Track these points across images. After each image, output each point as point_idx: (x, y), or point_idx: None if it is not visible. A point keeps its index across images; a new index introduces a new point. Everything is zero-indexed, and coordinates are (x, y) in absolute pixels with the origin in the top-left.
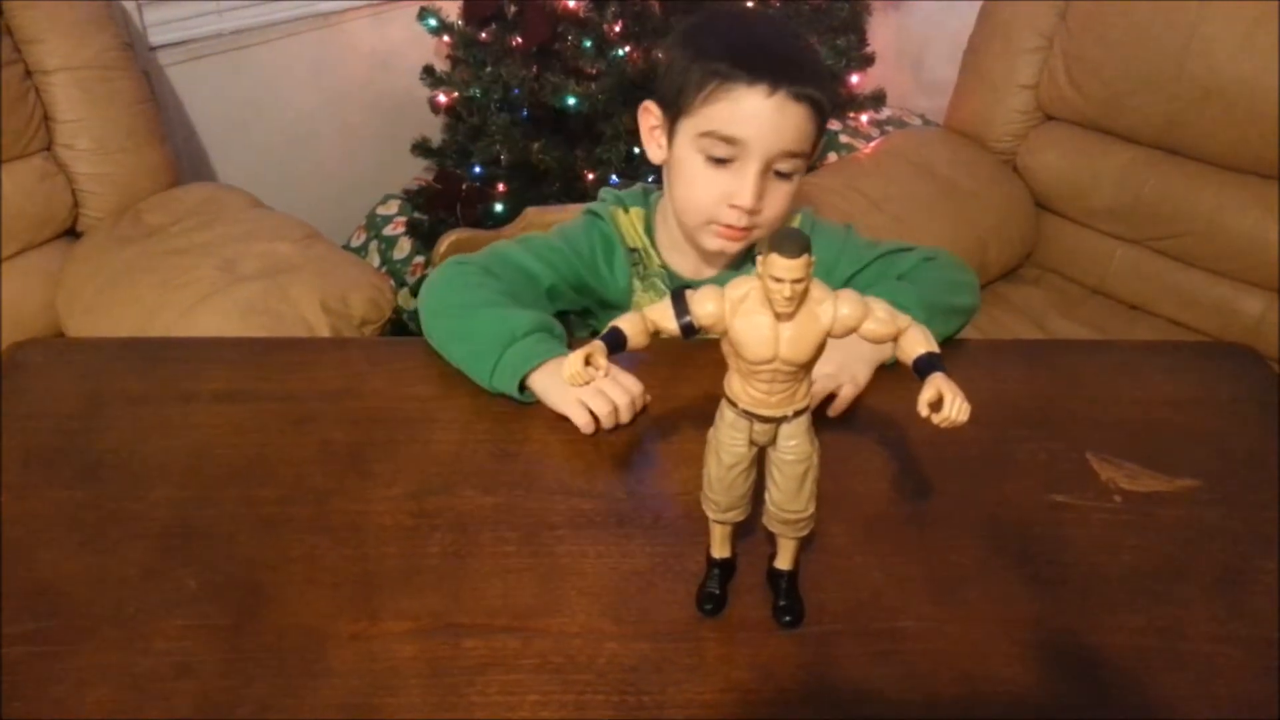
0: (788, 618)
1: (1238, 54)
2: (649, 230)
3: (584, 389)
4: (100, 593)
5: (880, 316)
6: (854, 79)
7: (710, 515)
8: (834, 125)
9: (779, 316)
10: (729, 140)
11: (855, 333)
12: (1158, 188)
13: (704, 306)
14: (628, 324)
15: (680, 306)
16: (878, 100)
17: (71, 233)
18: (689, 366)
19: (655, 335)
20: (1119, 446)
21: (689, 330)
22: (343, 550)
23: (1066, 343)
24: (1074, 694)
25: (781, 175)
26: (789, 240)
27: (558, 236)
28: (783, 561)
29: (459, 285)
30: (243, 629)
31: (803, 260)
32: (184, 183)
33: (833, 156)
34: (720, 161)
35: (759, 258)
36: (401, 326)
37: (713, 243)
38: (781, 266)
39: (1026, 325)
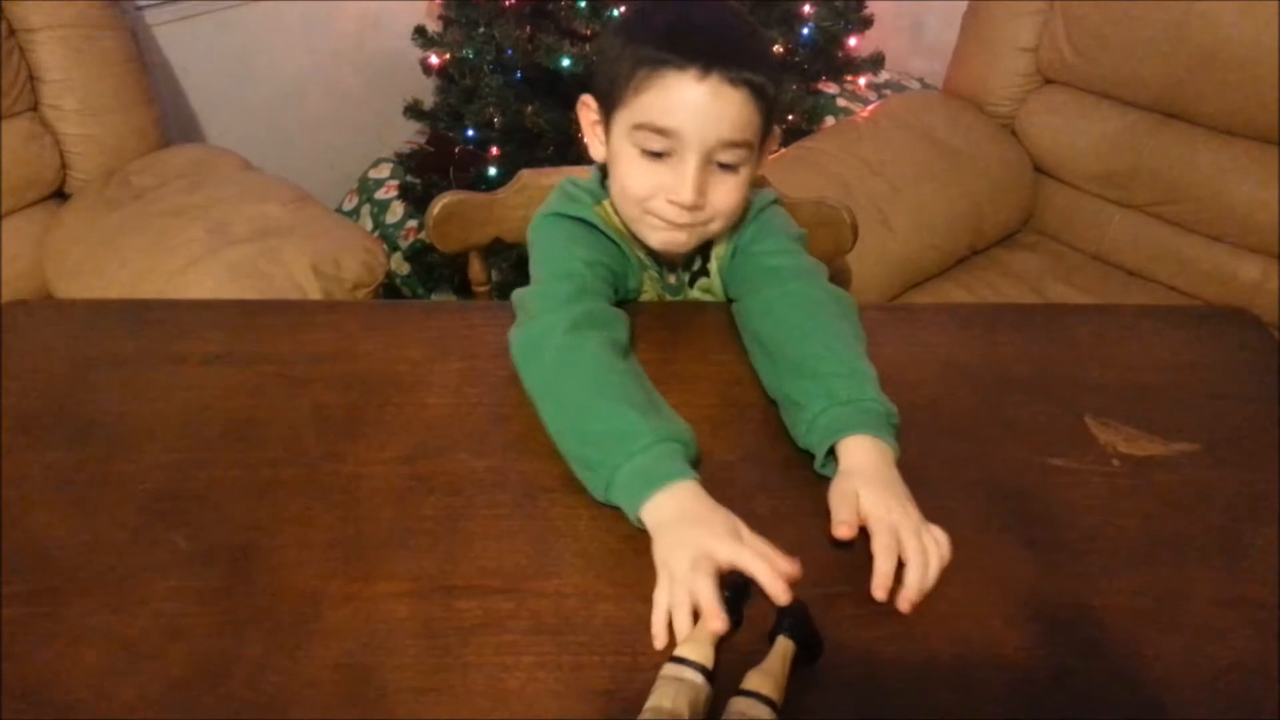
0: (805, 654)
1: (1240, 18)
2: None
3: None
4: (91, 554)
5: None
6: (852, 41)
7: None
8: (831, 88)
9: None
10: (662, 132)
11: None
12: (1157, 152)
13: None
14: None
15: None
16: (876, 63)
17: (59, 194)
18: (687, 330)
19: None
20: (1117, 410)
21: None
22: (336, 513)
23: (1063, 307)
24: (1070, 655)
25: (726, 167)
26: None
27: (568, 243)
28: None
29: (564, 356)
30: (235, 590)
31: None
32: (173, 144)
33: (830, 120)
34: (657, 155)
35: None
36: (394, 290)
37: (657, 236)
38: None
39: (1023, 290)
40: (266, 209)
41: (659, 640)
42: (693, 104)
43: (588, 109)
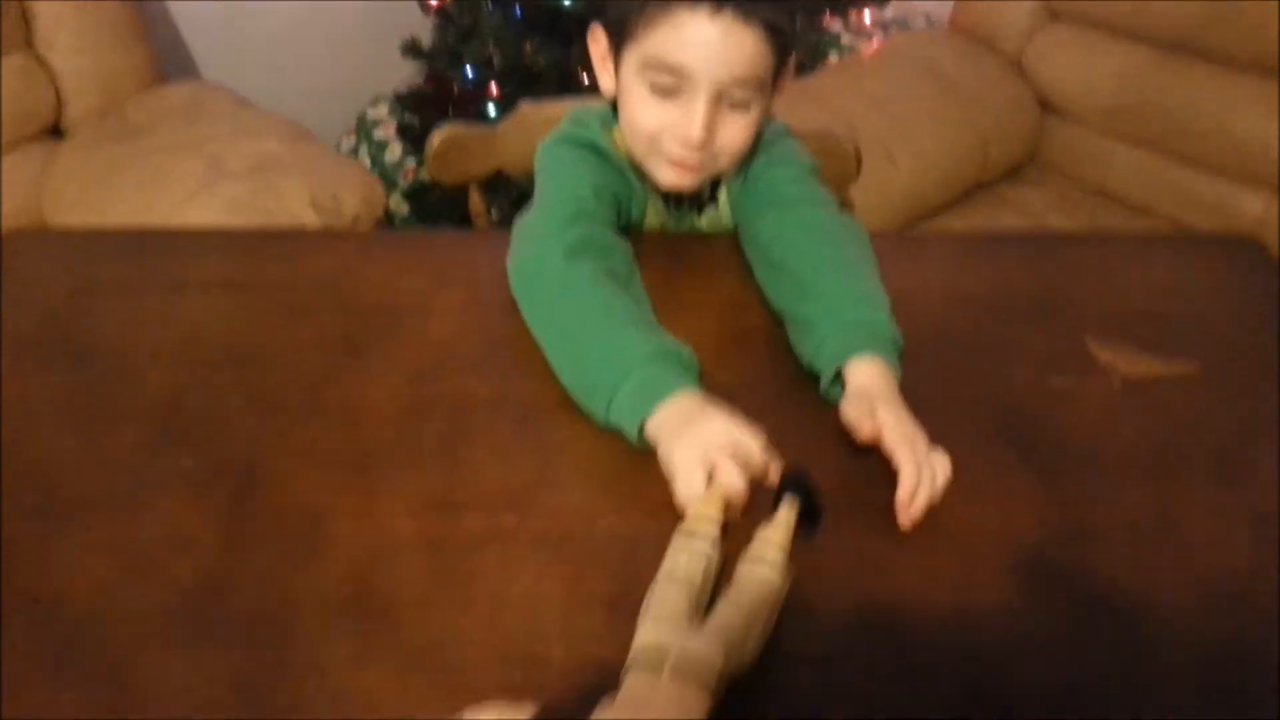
0: (806, 524)
1: None
2: None
3: (717, 455)
4: (97, 472)
5: None
6: None
7: None
8: (835, 25)
9: None
10: (672, 69)
11: None
12: (1162, 87)
13: None
14: None
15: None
16: None
17: (56, 132)
18: (689, 259)
19: None
20: (1119, 334)
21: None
22: (339, 433)
23: (1068, 234)
24: (1068, 566)
25: (736, 106)
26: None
27: (573, 168)
28: None
29: (559, 285)
30: (240, 507)
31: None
32: (168, 81)
33: (834, 58)
34: (666, 92)
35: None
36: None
37: (666, 175)
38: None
39: (1027, 224)
40: (264, 145)
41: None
42: (704, 42)
43: (597, 42)
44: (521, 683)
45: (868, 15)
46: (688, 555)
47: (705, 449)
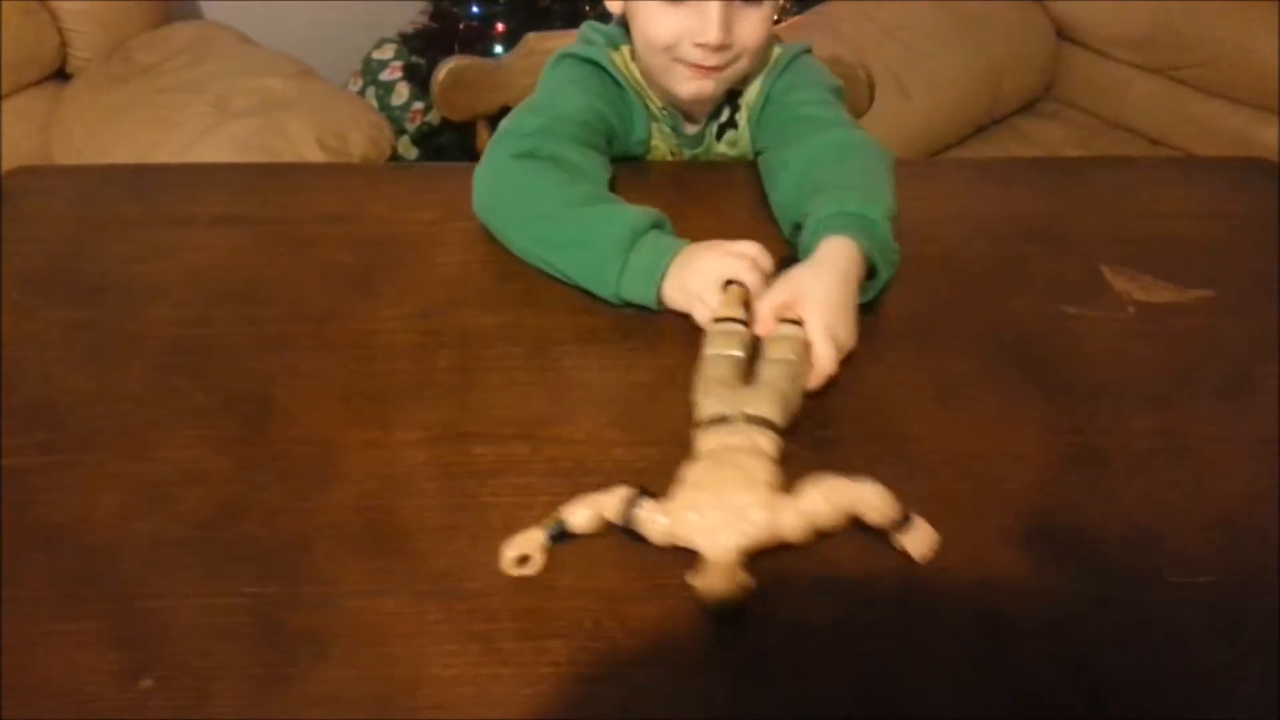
0: None
1: None
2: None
3: (724, 267)
4: (107, 406)
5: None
6: None
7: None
8: None
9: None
10: None
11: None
12: (1180, 14)
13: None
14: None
15: None
16: None
17: (61, 75)
18: (696, 188)
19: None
20: (1133, 260)
21: None
22: (350, 366)
23: (1081, 160)
24: (1076, 490)
25: (749, 0)
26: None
27: (565, 85)
28: None
29: (540, 184)
30: (252, 439)
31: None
32: (172, 21)
33: None
34: None
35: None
36: None
37: (686, 87)
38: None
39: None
40: (269, 83)
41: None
42: None
43: None
44: (534, 609)
45: None
46: (724, 335)
47: (710, 273)
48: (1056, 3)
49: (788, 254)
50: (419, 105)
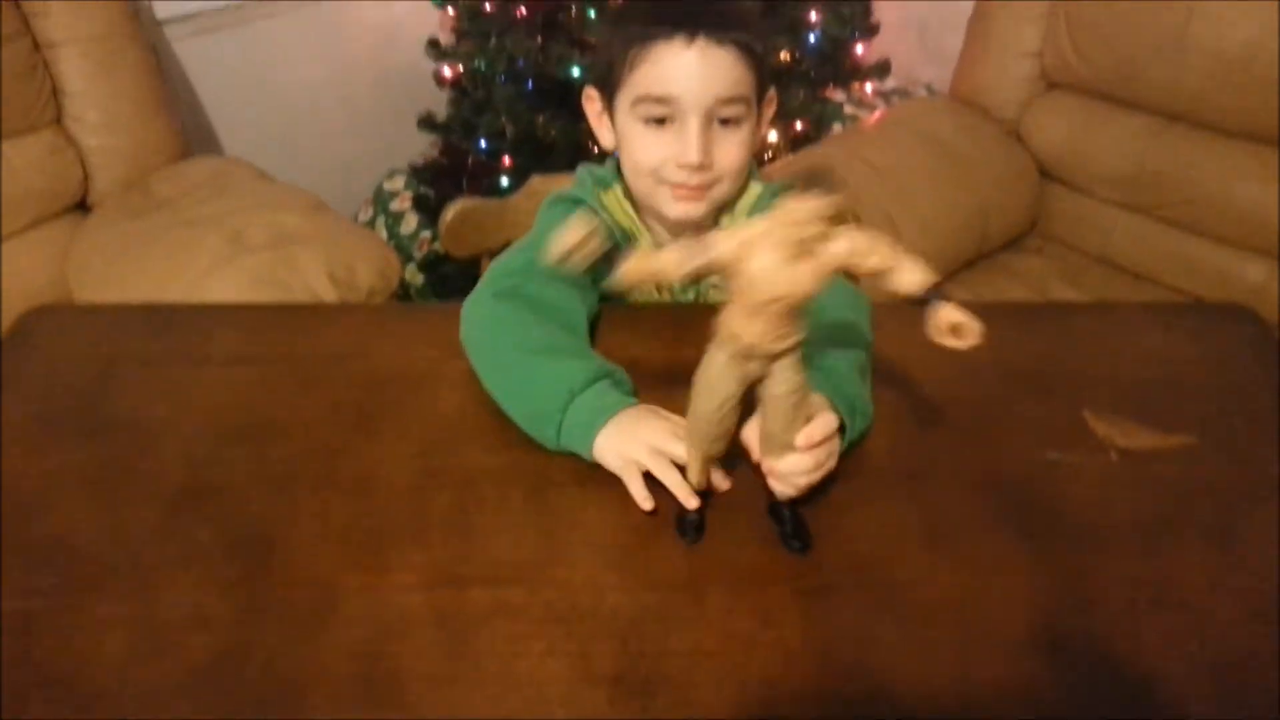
0: (796, 544)
1: (1241, 20)
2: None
3: (649, 456)
4: (115, 547)
5: (883, 251)
6: (859, 48)
7: (697, 449)
8: (838, 95)
9: (793, 256)
10: (661, 100)
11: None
12: (1161, 155)
13: (721, 245)
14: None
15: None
16: (883, 70)
17: (82, 206)
18: (691, 330)
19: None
20: (1116, 405)
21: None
22: (351, 506)
23: (1064, 305)
24: (1066, 639)
25: (728, 123)
26: (814, 182)
27: (555, 225)
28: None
29: (505, 328)
30: (255, 581)
31: (825, 203)
32: (192, 156)
33: (837, 127)
34: (660, 123)
35: (782, 199)
36: (408, 301)
37: (674, 209)
38: (805, 209)
39: (1028, 293)
40: (283, 218)
41: (647, 503)
42: (685, 68)
43: (592, 101)
44: None
45: (869, 87)
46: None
47: (645, 444)
48: (1039, 143)
49: None
50: (427, 234)
